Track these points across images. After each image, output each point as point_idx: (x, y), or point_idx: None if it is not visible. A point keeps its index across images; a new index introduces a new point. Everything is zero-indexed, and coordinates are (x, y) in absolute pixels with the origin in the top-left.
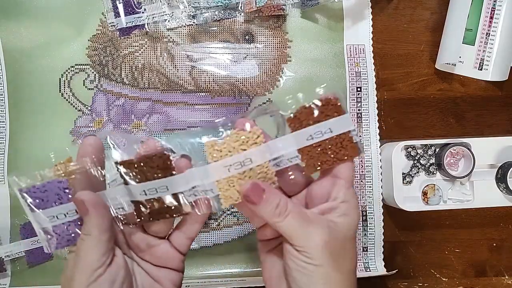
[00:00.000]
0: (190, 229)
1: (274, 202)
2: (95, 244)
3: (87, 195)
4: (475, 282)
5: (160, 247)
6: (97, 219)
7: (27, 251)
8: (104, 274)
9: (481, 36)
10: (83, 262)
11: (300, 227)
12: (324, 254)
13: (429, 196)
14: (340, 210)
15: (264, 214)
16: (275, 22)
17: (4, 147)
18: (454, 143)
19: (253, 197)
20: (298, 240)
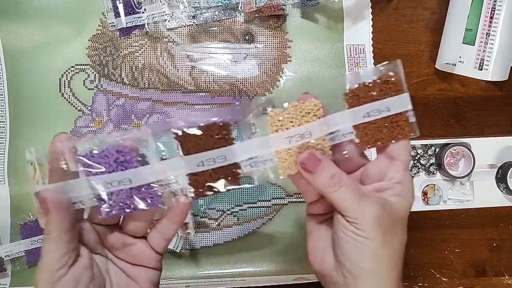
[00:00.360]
0: (167, 230)
1: (330, 172)
2: (55, 245)
3: (51, 193)
4: (475, 282)
5: (136, 246)
6: (57, 220)
7: (27, 251)
8: (66, 275)
9: (481, 36)
10: (44, 263)
11: (354, 199)
12: (374, 228)
13: (429, 196)
14: (395, 191)
15: (319, 183)
16: (275, 22)
17: (4, 147)
18: (454, 143)
19: (309, 165)
20: (351, 211)
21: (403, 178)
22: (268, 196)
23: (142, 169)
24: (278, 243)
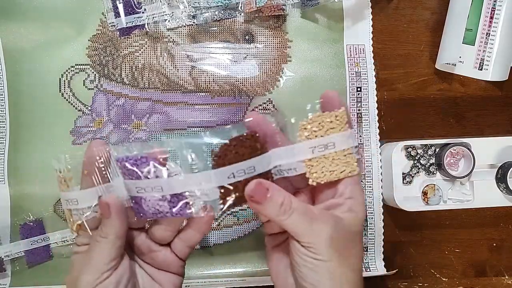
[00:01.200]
0: (191, 238)
1: (278, 200)
2: (109, 248)
3: (113, 199)
4: (475, 282)
5: (161, 253)
6: (117, 225)
7: (26, 251)
8: (111, 277)
9: (481, 36)
10: (93, 263)
11: (306, 224)
12: (330, 249)
13: (429, 196)
14: (346, 206)
15: (269, 213)
16: (275, 22)
17: (4, 147)
18: (454, 143)
19: (257, 197)
20: (304, 236)
21: (353, 193)
22: None
23: (174, 178)
24: None
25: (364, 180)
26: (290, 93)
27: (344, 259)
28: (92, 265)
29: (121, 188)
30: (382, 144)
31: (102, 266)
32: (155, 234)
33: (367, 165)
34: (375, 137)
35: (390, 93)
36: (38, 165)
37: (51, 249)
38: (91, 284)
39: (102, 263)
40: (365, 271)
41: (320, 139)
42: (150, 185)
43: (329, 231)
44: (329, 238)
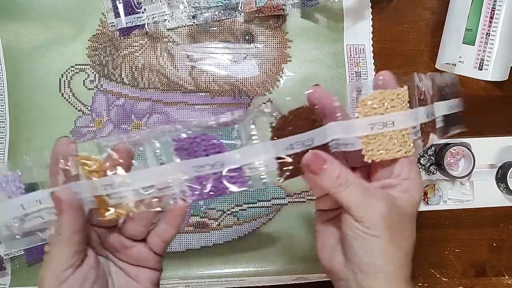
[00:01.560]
0: (165, 233)
1: (335, 172)
2: (65, 245)
3: (65, 194)
4: (475, 282)
5: (136, 248)
6: (70, 220)
7: (26, 250)
8: (73, 275)
9: (481, 36)
10: (53, 262)
11: (360, 198)
12: (382, 226)
13: (429, 196)
14: (402, 187)
15: (325, 184)
16: (275, 22)
17: (4, 147)
18: (454, 143)
19: (314, 166)
20: (358, 210)
21: (409, 174)
22: (268, 196)
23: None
24: (278, 243)
25: None
26: (290, 93)
27: (395, 239)
28: (52, 264)
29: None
30: None
31: (62, 263)
32: (128, 230)
33: None
34: None
35: None
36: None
37: None
38: (53, 283)
39: (61, 260)
40: None
41: (380, 117)
42: (209, 162)
43: (382, 208)
44: (382, 214)
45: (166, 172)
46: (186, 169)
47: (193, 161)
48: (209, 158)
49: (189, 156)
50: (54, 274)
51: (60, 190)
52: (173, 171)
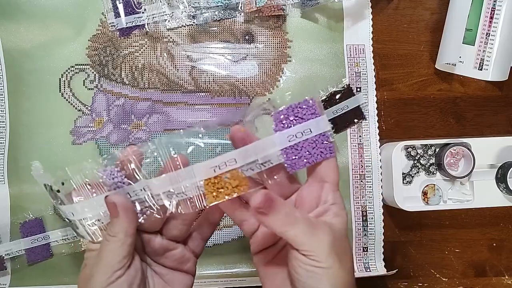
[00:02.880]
0: (205, 231)
1: (284, 211)
2: (119, 247)
3: (119, 198)
4: (475, 282)
5: (178, 250)
6: (125, 223)
7: (27, 250)
8: (123, 276)
9: (481, 36)
10: (104, 262)
11: (308, 234)
12: (330, 255)
13: (429, 196)
14: (332, 212)
15: (274, 224)
16: (275, 22)
17: (4, 147)
18: (454, 143)
19: (265, 208)
20: (307, 245)
21: (335, 199)
22: None
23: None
24: None
25: (364, 180)
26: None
27: (342, 263)
28: (103, 264)
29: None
30: (382, 144)
31: (114, 264)
32: (173, 230)
33: (367, 165)
34: (375, 137)
35: (390, 93)
36: None
37: (51, 247)
38: (102, 284)
39: (113, 261)
40: (365, 271)
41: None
42: (301, 129)
43: (329, 238)
44: (330, 244)
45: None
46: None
47: (291, 130)
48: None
49: (283, 127)
50: (105, 274)
51: (112, 195)
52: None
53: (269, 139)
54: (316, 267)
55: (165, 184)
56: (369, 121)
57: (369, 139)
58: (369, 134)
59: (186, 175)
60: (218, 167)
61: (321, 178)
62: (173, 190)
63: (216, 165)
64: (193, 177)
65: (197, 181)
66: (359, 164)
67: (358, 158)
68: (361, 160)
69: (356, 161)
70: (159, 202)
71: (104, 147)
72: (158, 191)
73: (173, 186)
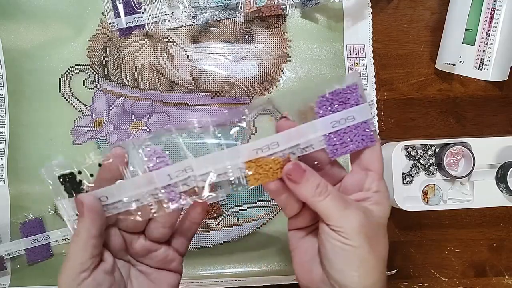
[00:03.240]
0: (189, 231)
1: (315, 182)
2: (82, 247)
3: (87, 198)
4: (475, 282)
5: (161, 251)
6: (89, 224)
7: (27, 250)
8: (88, 278)
9: (481, 36)
10: (69, 264)
11: (339, 208)
12: (360, 236)
13: (429, 196)
14: (374, 199)
15: (305, 192)
16: (275, 22)
17: (4, 147)
18: (454, 143)
19: (294, 176)
20: (336, 220)
21: (379, 187)
22: (268, 196)
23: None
24: (278, 243)
25: None
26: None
27: (373, 248)
28: (69, 265)
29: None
30: (382, 144)
31: (77, 266)
32: (154, 233)
33: None
34: None
35: (390, 93)
36: (38, 164)
37: (51, 247)
38: (68, 285)
39: (76, 262)
40: None
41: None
42: (345, 115)
43: (360, 217)
44: (360, 224)
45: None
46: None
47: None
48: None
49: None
50: (70, 276)
51: (83, 195)
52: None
53: (312, 123)
54: (344, 244)
55: (208, 164)
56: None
57: None
58: None
59: (230, 155)
60: (261, 150)
61: (365, 167)
62: (214, 171)
63: (259, 147)
64: (237, 158)
65: (239, 162)
66: None
67: None
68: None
69: None
70: (200, 184)
71: (104, 147)
72: (200, 171)
73: (215, 166)
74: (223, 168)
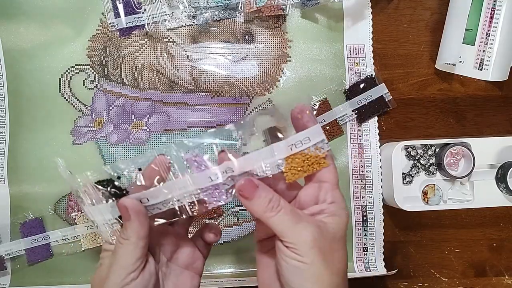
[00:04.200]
0: (209, 236)
1: (267, 197)
2: (132, 249)
3: (131, 202)
4: (475, 282)
5: (188, 247)
6: (137, 226)
7: (27, 249)
8: (137, 279)
9: (481, 36)
10: (119, 264)
11: (291, 223)
12: (313, 251)
13: (429, 196)
14: (329, 210)
15: (257, 208)
16: (275, 22)
17: (4, 147)
18: (454, 143)
19: (246, 192)
20: (289, 235)
21: (334, 198)
22: None
23: None
24: None
25: (364, 180)
26: (290, 93)
27: (328, 263)
28: (118, 266)
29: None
30: (382, 144)
31: (127, 266)
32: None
33: (367, 165)
34: (375, 137)
35: (390, 93)
36: (38, 165)
37: (51, 247)
38: (117, 284)
39: (127, 264)
40: (365, 271)
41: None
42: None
43: (313, 232)
44: (313, 239)
45: None
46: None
47: None
48: None
49: None
50: (120, 276)
51: (124, 199)
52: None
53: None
54: (298, 261)
55: (247, 164)
56: (369, 121)
57: (369, 139)
58: (369, 134)
59: (267, 154)
60: (294, 146)
61: (318, 178)
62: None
63: (293, 143)
64: (273, 156)
65: (276, 159)
66: (359, 164)
67: (358, 158)
68: (361, 160)
69: (356, 161)
70: None
71: (104, 147)
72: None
73: (254, 166)
74: (259, 166)
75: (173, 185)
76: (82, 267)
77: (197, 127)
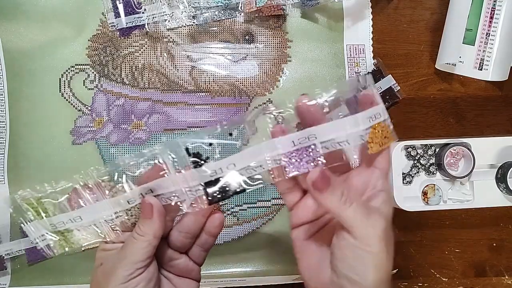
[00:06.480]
0: (206, 243)
1: (340, 191)
2: (146, 246)
3: (156, 201)
4: (475, 282)
5: (182, 260)
6: (157, 226)
7: (27, 249)
8: (143, 273)
9: (481, 36)
10: (129, 259)
11: (363, 216)
12: (381, 242)
13: (429, 196)
14: (382, 199)
15: (330, 202)
16: (275, 22)
17: (4, 147)
18: (454, 143)
19: (321, 184)
20: (359, 228)
21: (384, 186)
22: (268, 196)
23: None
24: (278, 243)
25: None
26: (290, 93)
27: (389, 251)
28: (127, 261)
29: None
30: None
31: (138, 262)
32: (176, 242)
33: None
34: None
35: None
36: (38, 165)
37: None
38: (124, 278)
39: (138, 259)
40: None
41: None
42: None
43: (383, 224)
44: (382, 231)
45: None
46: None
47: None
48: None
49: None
50: (128, 270)
51: (150, 196)
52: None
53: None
54: (365, 251)
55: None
56: None
57: None
58: None
59: (351, 123)
60: (374, 117)
61: (372, 164)
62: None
63: (373, 114)
64: (357, 125)
65: (360, 129)
66: None
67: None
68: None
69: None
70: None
71: (104, 147)
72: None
73: (339, 133)
74: (342, 136)
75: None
76: (82, 267)
77: (197, 127)
